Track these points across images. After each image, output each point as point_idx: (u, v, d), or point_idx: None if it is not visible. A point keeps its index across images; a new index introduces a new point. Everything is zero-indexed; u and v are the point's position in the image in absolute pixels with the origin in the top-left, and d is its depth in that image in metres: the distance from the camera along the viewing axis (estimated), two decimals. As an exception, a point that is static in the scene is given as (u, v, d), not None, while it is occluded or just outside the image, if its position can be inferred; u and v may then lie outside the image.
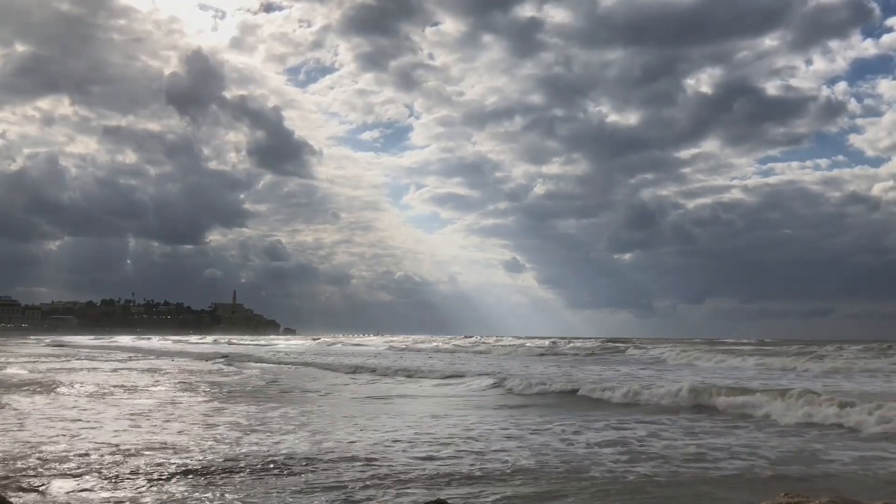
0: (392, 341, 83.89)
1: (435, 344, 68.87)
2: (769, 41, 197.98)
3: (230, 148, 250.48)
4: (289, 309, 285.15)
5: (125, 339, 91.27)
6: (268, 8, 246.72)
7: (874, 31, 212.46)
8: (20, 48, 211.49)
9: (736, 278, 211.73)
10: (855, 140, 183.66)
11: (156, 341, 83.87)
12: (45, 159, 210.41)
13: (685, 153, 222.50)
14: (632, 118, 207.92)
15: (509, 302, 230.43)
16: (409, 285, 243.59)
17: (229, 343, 76.87)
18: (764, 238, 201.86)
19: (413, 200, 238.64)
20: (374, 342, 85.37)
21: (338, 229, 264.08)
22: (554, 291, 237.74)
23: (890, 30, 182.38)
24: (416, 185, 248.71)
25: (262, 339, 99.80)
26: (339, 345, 75.87)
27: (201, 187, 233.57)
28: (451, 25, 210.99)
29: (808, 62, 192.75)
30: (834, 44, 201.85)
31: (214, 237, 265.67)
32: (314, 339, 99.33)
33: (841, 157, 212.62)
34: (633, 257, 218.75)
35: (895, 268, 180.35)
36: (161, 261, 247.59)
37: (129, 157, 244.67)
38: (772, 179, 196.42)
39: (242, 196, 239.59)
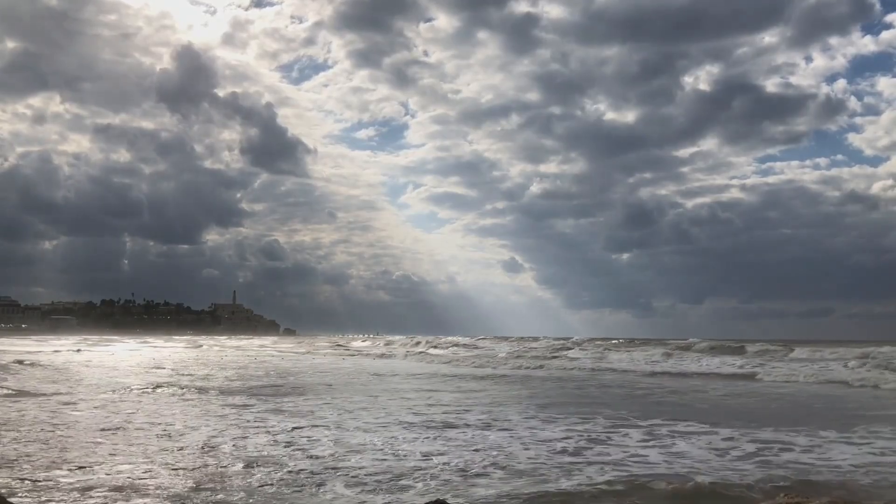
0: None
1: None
2: (769, 38, 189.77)
3: (223, 146, 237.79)
4: (287, 309, 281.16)
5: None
6: (259, 3, 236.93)
7: (874, 28, 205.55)
8: (10, 44, 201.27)
9: (735, 278, 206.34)
10: (854, 139, 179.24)
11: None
12: (38, 158, 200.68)
13: (683, 152, 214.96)
14: (629, 116, 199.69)
15: (508, 302, 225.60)
16: (407, 285, 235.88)
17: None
18: (763, 237, 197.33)
19: (411, 199, 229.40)
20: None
21: (335, 229, 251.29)
22: (552, 291, 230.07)
23: (890, 26, 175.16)
24: (414, 184, 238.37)
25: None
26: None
27: (196, 186, 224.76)
28: (445, 21, 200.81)
29: (808, 59, 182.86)
30: (834, 40, 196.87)
31: (211, 237, 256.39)
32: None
33: (840, 156, 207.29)
34: (631, 257, 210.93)
35: (895, 267, 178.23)
36: (158, 260, 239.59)
37: (123, 155, 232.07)
38: (771, 178, 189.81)
39: (238, 195, 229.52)
